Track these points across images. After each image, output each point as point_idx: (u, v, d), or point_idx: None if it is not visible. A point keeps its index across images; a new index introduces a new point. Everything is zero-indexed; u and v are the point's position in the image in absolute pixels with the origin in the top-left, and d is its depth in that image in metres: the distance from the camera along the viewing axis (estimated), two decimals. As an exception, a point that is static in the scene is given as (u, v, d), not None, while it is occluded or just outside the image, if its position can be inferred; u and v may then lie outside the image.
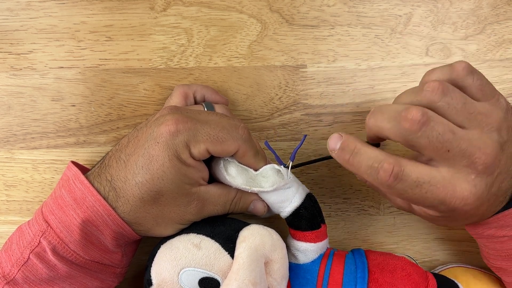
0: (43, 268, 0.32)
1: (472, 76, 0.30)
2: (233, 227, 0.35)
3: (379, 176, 0.29)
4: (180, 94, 0.39)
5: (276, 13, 0.43)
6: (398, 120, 0.29)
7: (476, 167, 0.29)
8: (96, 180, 0.33)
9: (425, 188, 0.29)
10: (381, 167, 0.29)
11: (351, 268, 0.36)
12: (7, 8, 0.42)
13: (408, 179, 0.29)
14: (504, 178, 0.31)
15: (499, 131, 0.30)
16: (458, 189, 0.29)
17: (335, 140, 0.31)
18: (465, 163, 0.29)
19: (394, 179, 0.29)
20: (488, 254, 0.37)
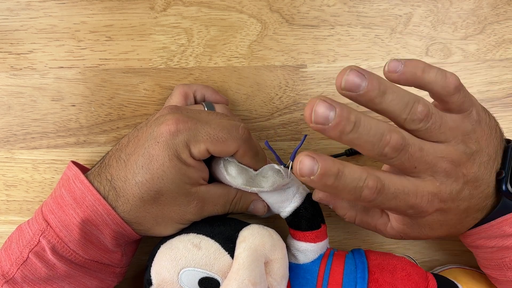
0: (42, 267, 0.32)
1: (458, 95, 0.31)
2: (233, 227, 0.35)
3: (363, 194, 0.28)
4: (180, 94, 0.39)
5: (276, 13, 0.43)
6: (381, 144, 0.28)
7: (439, 174, 0.30)
8: (96, 180, 0.33)
9: (400, 198, 0.29)
10: (366, 185, 0.28)
11: (351, 268, 0.36)
12: (7, 8, 0.42)
13: (388, 192, 0.29)
14: (477, 185, 0.32)
15: (465, 142, 0.31)
16: (425, 194, 0.30)
17: (309, 163, 0.27)
18: (429, 173, 0.30)
19: (376, 194, 0.28)
20: (480, 262, 0.38)
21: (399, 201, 0.29)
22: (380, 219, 0.36)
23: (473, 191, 0.32)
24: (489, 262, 0.36)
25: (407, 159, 0.29)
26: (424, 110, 0.29)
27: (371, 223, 0.36)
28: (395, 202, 0.29)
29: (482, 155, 0.32)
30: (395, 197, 0.29)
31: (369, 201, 0.29)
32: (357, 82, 0.27)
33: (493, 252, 0.35)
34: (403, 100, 0.28)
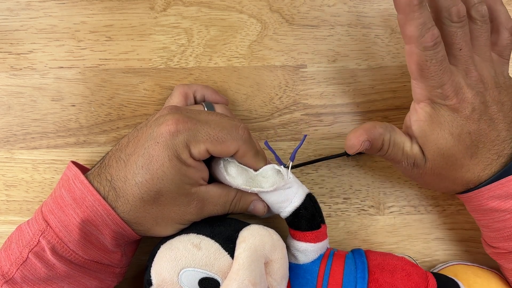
0: (42, 268, 0.32)
1: (510, 36, 0.36)
2: (233, 227, 0.35)
3: (426, 35, 0.32)
4: (180, 94, 0.39)
5: (276, 13, 0.43)
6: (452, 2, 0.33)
7: (471, 77, 0.34)
8: (96, 180, 0.33)
9: (443, 66, 0.33)
10: (432, 29, 0.32)
11: (351, 268, 0.36)
12: (7, 8, 0.42)
13: (439, 52, 0.33)
14: (498, 120, 0.35)
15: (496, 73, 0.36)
16: (456, 79, 0.34)
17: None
18: (464, 68, 0.34)
19: (434, 44, 0.32)
20: (490, 238, 0.37)
21: (440, 69, 0.33)
22: (407, 139, 0.37)
23: (492, 121, 0.35)
24: (501, 233, 0.36)
25: (461, 34, 0.34)
26: (486, 13, 0.35)
27: (400, 143, 0.37)
28: (437, 67, 0.33)
29: (507, 97, 0.35)
30: (440, 62, 0.33)
31: (424, 46, 0.32)
32: None
33: (506, 220, 0.35)
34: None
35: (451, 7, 0.33)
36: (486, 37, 0.35)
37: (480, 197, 0.36)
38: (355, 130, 0.37)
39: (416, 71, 0.34)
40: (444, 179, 0.37)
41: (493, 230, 0.37)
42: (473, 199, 0.37)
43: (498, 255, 0.38)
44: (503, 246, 0.36)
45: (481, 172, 0.35)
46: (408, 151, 0.37)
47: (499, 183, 0.35)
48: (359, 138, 0.36)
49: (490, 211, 0.36)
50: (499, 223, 0.35)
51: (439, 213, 0.44)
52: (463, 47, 0.34)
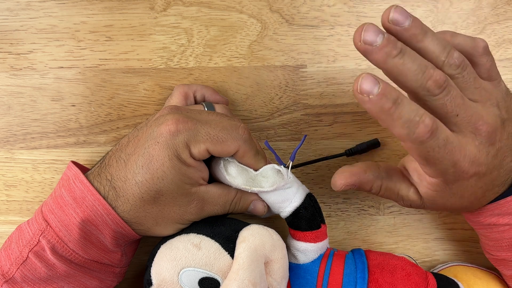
0: (42, 267, 0.32)
1: (487, 57, 0.32)
2: (233, 227, 0.35)
3: (417, 131, 0.28)
4: (180, 94, 0.39)
5: (276, 13, 0.43)
6: (424, 76, 0.28)
7: (480, 134, 0.30)
8: (96, 180, 0.33)
9: (448, 148, 0.29)
10: (423, 121, 0.28)
11: (351, 268, 0.36)
12: (7, 8, 0.42)
13: (440, 137, 0.29)
14: (506, 155, 0.32)
15: (499, 107, 0.32)
16: (467, 152, 0.30)
17: (371, 81, 0.27)
18: (470, 129, 0.30)
19: (430, 134, 0.28)
20: (488, 245, 0.37)
21: (447, 152, 0.29)
22: (403, 185, 0.36)
23: (502, 161, 0.32)
24: (500, 243, 0.35)
25: (450, 102, 0.29)
26: (460, 57, 0.30)
27: (394, 189, 0.36)
28: (443, 152, 0.29)
29: (511, 125, 0.32)
30: (444, 146, 0.29)
31: (421, 141, 0.28)
32: (404, 15, 0.29)
33: (504, 232, 0.34)
34: (441, 43, 0.30)
35: (425, 83, 0.28)
36: (473, 79, 0.31)
37: (478, 215, 0.36)
38: (343, 170, 0.35)
39: (421, 161, 0.31)
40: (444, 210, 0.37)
41: (491, 240, 0.36)
42: (472, 217, 0.37)
43: (496, 262, 0.38)
44: (501, 255, 0.36)
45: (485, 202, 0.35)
46: (403, 196, 0.36)
47: (497, 204, 0.34)
48: (345, 181, 0.35)
49: (488, 225, 0.36)
50: (497, 234, 0.35)
51: (439, 213, 0.44)
52: (459, 111, 0.30)
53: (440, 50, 0.30)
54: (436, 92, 0.29)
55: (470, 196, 0.33)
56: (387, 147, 0.43)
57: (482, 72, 0.32)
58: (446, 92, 0.29)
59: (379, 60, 0.28)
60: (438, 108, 0.29)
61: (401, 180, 0.36)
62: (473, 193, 0.33)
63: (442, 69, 0.30)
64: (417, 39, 0.29)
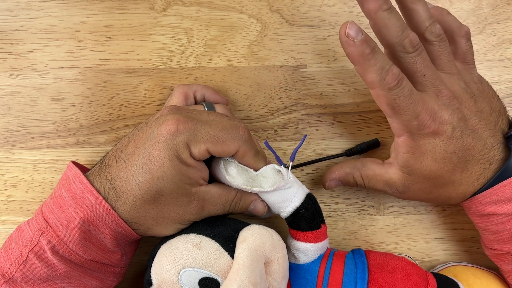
0: (41, 267, 0.32)
1: (467, 41, 0.37)
2: (233, 227, 0.35)
3: (387, 77, 0.32)
4: (180, 94, 0.39)
5: (276, 13, 0.43)
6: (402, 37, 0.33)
7: (442, 96, 0.34)
8: (96, 180, 0.33)
9: (413, 100, 0.33)
10: (391, 69, 0.32)
11: (351, 268, 0.36)
12: (7, 8, 0.42)
13: (405, 87, 0.33)
14: (482, 129, 0.35)
15: (468, 84, 0.36)
16: (429, 106, 0.33)
17: (356, 29, 0.32)
18: (434, 91, 0.34)
19: (397, 82, 0.32)
20: (489, 240, 0.37)
21: (410, 102, 0.33)
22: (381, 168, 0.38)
23: (476, 132, 0.35)
24: (500, 235, 0.36)
25: (420, 62, 0.34)
26: (440, 30, 0.35)
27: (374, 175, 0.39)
28: (407, 101, 0.33)
29: (484, 103, 0.36)
30: (409, 95, 0.33)
31: (388, 87, 0.32)
32: None
33: (504, 223, 0.35)
34: (430, 13, 0.35)
35: (403, 40, 0.33)
36: (447, 53, 0.35)
37: (477, 203, 0.36)
38: (330, 169, 0.41)
39: (388, 110, 0.34)
40: (438, 196, 0.38)
41: (492, 233, 0.37)
42: (471, 206, 0.37)
43: (496, 257, 0.38)
44: (502, 248, 0.36)
45: (475, 182, 0.36)
46: (388, 180, 0.38)
47: (494, 189, 0.35)
48: (329, 177, 0.40)
49: (489, 215, 0.36)
50: (498, 225, 0.36)
51: (439, 213, 0.44)
52: (426, 72, 0.34)
53: (427, 17, 0.34)
54: (410, 50, 0.33)
55: (444, 161, 0.35)
56: (387, 147, 0.43)
57: (458, 52, 0.37)
58: (417, 53, 0.33)
59: (371, 10, 0.32)
60: (408, 65, 0.34)
61: (376, 164, 0.39)
62: (447, 157, 0.34)
63: (424, 34, 0.35)
64: (412, 1, 0.34)
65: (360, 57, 0.32)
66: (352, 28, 0.31)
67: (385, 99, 0.33)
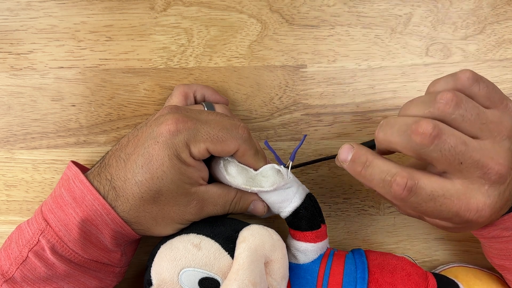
0: (41, 267, 0.32)
1: (478, 85, 0.29)
2: (233, 227, 0.35)
3: (392, 190, 0.28)
4: (180, 94, 0.39)
5: (276, 13, 0.43)
6: (408, 134, 0.28)
7: (490, 178, 0.28)
8: (95, 179, 0.33)
9: (440, 202, 0.28)
10: (394, 180, 0.28)
11: (351, 268, 0.36)
12: (7, 8, 0.42)
13: (422, 192, 0.28)
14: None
15: (510, 138, 0.29)
16: (472, 201, 0.28)
17: (346, 151, 0.31)
18: (478, 174, 0.28)
19: (408, 192, 0.28)
20: (492, 253, 0.37)
21: (439, 205, 0.28)
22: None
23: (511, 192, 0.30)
24: (503, 252, 0.35)
25: (448, 151, 0.27)
26: (446, 95, 0.28)
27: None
28: (433, 205, 0.28)
29: None
30: (431, 200, 0.28)
31: (401, 199, 0.28)
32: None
33: (508, 242, 0.33)
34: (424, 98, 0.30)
35: (412, 138, 0.27)
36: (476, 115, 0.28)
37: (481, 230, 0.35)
38: None
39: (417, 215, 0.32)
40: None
41: (493, 248, 0.36)
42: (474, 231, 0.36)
43: (498, 267, 0.38)
44: (504, 264, 0.36)
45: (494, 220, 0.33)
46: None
47: (501, 219, 0.32)
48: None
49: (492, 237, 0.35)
50: (499, 244, 0.35)
51: (439, 213, 0.44)
52: (463, 158, 0.27)
53: (425, 102, 0.29)
54: (427, 144, 0.27)
55: (478, 227, 0.32)
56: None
57: (481, 102, 0.29)
58: (439, 141, 0.27)
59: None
60: (438, 159, 0.28)
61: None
62: (482, 225, 0.31)
63: (438, 118, 0.28)
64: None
65: (356, 176, 0.31)
66: (342, 152, 0.31)
67: (406, 207, 0.30)
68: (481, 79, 0.30)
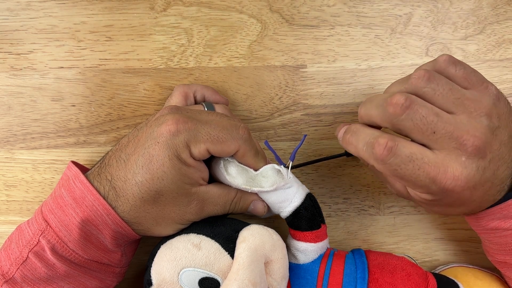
0: (42, 267, 0.32)
1: (455, 66, 0.32)
2: (233, 227, 0.35)
3: (374, 151, 0.30)
4: (180, 94, 0.39)
5: (276, 13, 0.43)
6: (384, 106, 0.30)
7: (466, 149, 0.29)
8: (96, 180, 0.33)
9: (418, 165, 0.29)
10: (376, 141, 0.30)
11: (351, 268, 0.36)
12: (7, 8, 0.42)
13: (401, 153, 0.29)
14: (500, 165, 0.31)
15: (489, 116, 0.30)
16: (449, 169, 0.29)
17: (341, 127, 0.35)
18: (454, 145, 0.29)
19: (388, 152, 0.29)
20: (491, 248, 0.37)
21: (417, 168, 0.29)
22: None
23: (496, 171, 0.31)
24: (503, 247, 0.35)
25: (420, 120, 0.29)
26: (421, 71, 0.31)
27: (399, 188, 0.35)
28: (412, 169, 0.29)
29: (503, 133, 0.31)
30: (409, 162, 0.29)
31: (382, 159, 0.30)
32: None
33: (507, 236, 0.34)
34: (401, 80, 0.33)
35: (387, 109, 0.30)
36: (448, 90, 0.30)
37: (481, 219, 0.35)
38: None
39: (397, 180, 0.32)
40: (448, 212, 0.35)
41: (494, 244, 0.36)
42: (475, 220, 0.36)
43: (499, 264, 0.38)
44: (504, 259, 0.36)
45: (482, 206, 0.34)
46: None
47: (499, 207, 0.33)
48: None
49: (491, 229, 0.35)
50: (500, 238, 0.35)
51: (439, 213, 0.44)
52: (436, 128, 0.29)
53: (402, 81, 0.32)
54: (400, 113, 0.29)
55: (462, 206, 0.33)
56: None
57: (459, 82, 0.31)
58: (409, 111, 0.29)
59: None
60: (411, 129, 0.30)
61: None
62: (466, 203, 0.32)
63: (411, 92, 0.30)
64: None
65: (347, 146, 0.33)
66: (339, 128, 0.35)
67: (387, 171, 0.30)
68: (458, 62, 0.32)
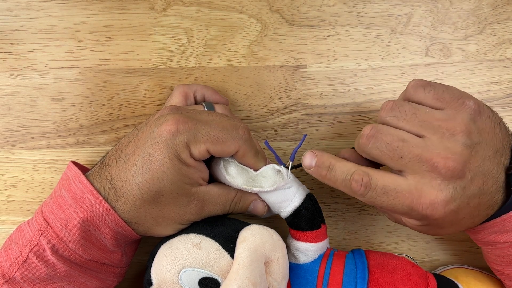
0: (42, 267, 0.32)
1: (423, 89, 0.32)
2: (233, 227, 0.35)
3: (352, 187, 0.31)
4: (180, 94, 0.39)
5: (276, 13, 0.43)
6: (358, 138, 0.32)
7: (439, 171, 0.29)
8: (96, 180, 0.33)
9: (392, 195, 0.30)
10: (353, 178, 0.31)
11: (351, 268, 0.36)
12: (7, 8, 0.42)
13: (376, 187, 0.31)
14: (485, 180, 0.30)
15: (466, 133, 0.30)
16: (423, 194, 0.30)
17: (309, 157, 0.34)
18: (426, 168, 0.30)
19: (364, 188, 0.31)
20: (491, 259, 0.37)
21: (392, 198, 0.30)
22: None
23: (482, 187, 0.30)
24: (501, 258, 0.35)
25: (386, 147, 0.30)
26: (386, 103, 0.32)
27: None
28: (387, 200, 0.30)
29: (487, 148, 0.30)
30: (384, 194, 0.30)
31: (360, 194, 0.31)
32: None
33: (504, 248, 0.34)
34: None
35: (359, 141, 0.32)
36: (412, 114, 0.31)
37: (476, 233, 0.35)
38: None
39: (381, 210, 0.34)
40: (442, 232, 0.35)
41: (491, 255, 0.36)
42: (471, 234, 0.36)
43: (497, 273, 0.38)
44: (502, 269, 0.36)
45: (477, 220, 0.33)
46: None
47: (493, 222, 0.33)
48: None
49: (487, 242, 0.35)
50: (497, 250, 0.35)
51: (439, 213, 0.44)
52: (402, 153, 0.30)
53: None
54: (366, 143, 0.31)
55: (452, 226, 0.32)
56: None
57: (430, 104, 0.31)
58: (374, 140, 0.31)
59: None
60: (380, 156, 0.31)
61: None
62: (455, 223, 0.32)
63: (380, 123, 0.32)
64: None
65: (322, 179, 0.33)
66: (306, 159, 0.34)
67: (368, 203, 0.32)
68: (427, 84, 0.32)
